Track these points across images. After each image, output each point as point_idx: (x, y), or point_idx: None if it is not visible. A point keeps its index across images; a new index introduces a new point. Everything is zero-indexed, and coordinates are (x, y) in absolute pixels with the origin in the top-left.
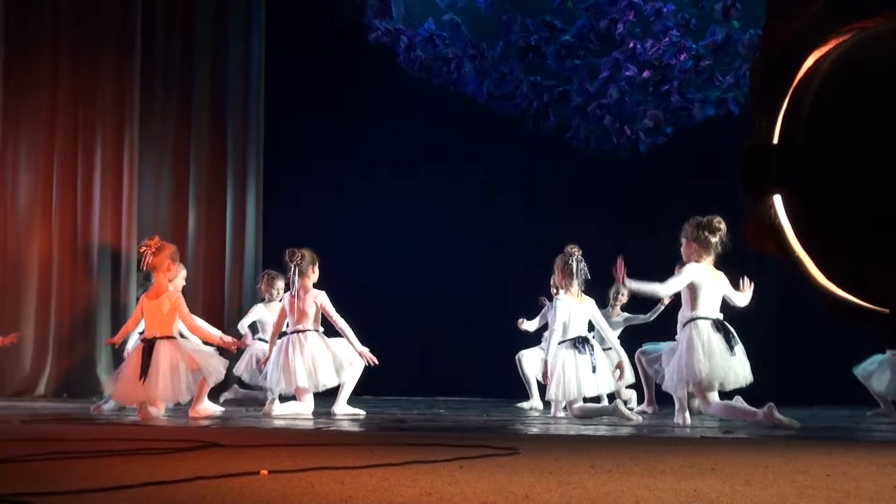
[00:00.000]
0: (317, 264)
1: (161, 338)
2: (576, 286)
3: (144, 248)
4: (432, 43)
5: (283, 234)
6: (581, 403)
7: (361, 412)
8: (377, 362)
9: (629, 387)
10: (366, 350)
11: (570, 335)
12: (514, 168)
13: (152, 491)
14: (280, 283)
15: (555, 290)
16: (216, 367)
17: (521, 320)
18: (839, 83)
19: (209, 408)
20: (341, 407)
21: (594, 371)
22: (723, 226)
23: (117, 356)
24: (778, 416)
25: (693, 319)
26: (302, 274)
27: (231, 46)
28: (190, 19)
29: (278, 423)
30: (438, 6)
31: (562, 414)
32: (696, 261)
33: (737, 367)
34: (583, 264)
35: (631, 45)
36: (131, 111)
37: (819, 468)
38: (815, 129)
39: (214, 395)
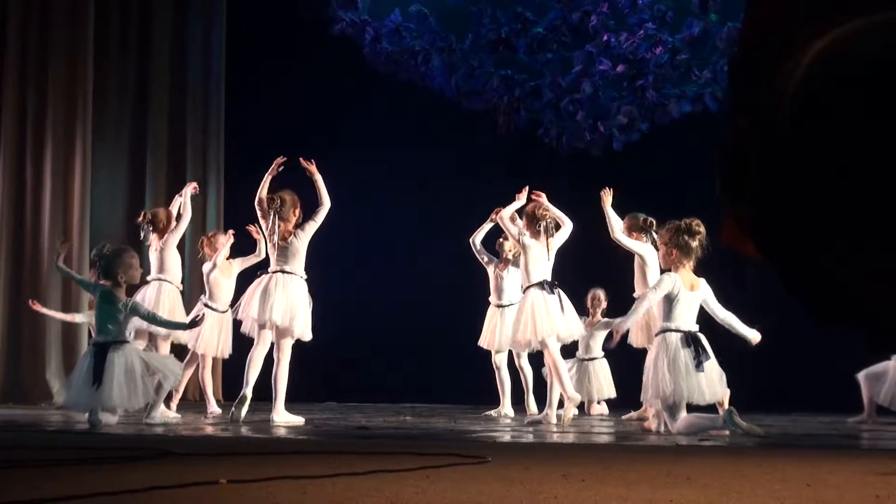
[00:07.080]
0: (298, 207)
1: (113, 342)
2: (542, 236)
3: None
4: (399, 35)
5: (246, 231)
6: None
7: (301, 419)
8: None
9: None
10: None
11: (536, 279)
12: (483, 166)
13: (105, 501)
14: (222, 238)
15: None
16: (172, 371)
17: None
18: (822, 79)
19: (165, 414)
20: (281, 415)
21: (563, 311)
22: (702, 228)
23: (68, 361)
24: (738, 421)
25: (664, 331)
26: (283, 220)
27: (190, 37)
28: (147, 8)
29: (241, 430)
30: None
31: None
32: (676, 268)
33: (703, 384)
34: (551, 225)
35: (605, 38)
36: (85, 107)
37: (799, 477)
38: (797, 126)
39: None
